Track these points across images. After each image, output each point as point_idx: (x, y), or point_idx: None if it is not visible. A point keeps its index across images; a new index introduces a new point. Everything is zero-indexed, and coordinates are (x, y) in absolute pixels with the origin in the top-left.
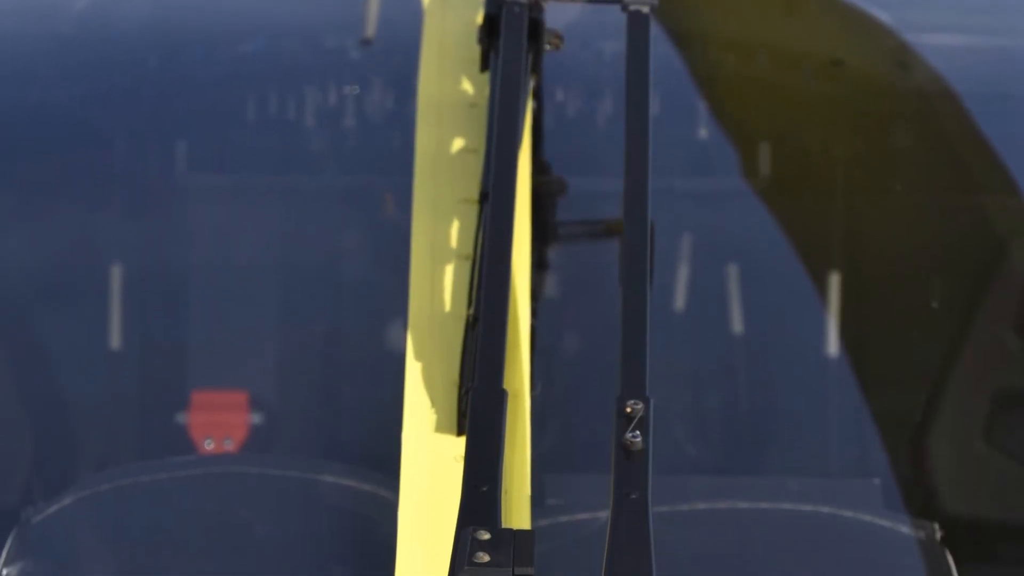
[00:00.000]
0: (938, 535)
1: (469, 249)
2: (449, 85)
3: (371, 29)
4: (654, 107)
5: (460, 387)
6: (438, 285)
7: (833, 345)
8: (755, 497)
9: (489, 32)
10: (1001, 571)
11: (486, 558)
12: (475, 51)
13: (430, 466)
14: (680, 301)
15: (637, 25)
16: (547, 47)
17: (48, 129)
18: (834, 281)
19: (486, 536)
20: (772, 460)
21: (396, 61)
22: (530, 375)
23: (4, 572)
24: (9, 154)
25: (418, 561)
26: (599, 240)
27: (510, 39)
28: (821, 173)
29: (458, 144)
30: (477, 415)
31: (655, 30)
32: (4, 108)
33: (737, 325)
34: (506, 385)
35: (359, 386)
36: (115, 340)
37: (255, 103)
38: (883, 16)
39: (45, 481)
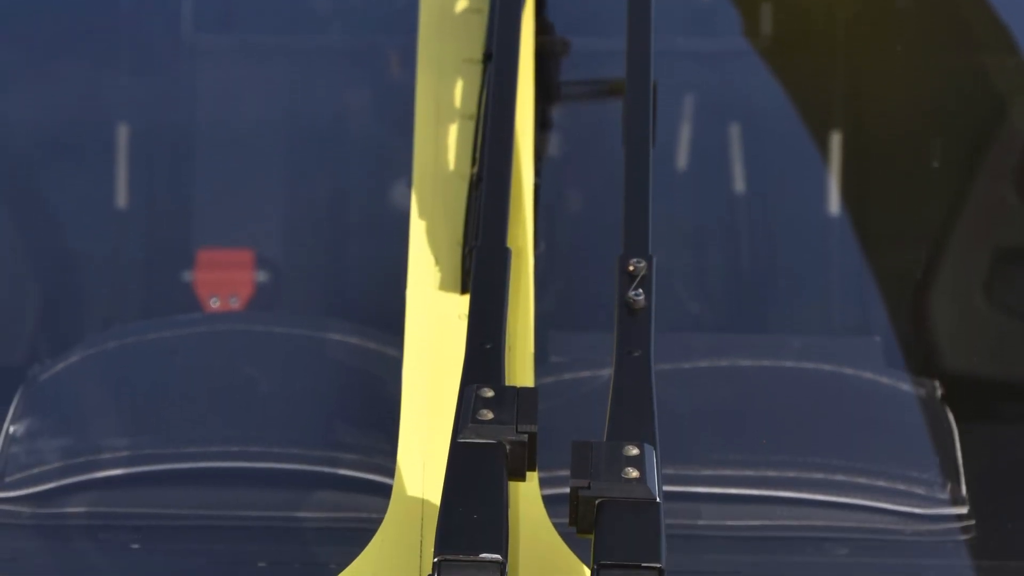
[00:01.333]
0: (938, 392)
1: (473, 109)
2: None
3: None
4: None
5: (464, 246)
6: (442, 144)
7: (834, 204)
8: (757, 355)
9: None
10: (1001, 427)
11: (490, 415)
12: None
13: (434, 324)
14: (682, 160)
15: None
16: None
17: None
18: (836, 140)
19: (490, 394)
20: (774, 318)
21: None
22: (533, 233)
23: (11, 429)
24: (15, 13)
25: (422, 418)
26: (602, 99)
27: None
28: (823, 33)
29: (462, 4)
30: (481, 273)
31: None
32: None
33: (739, 184)
34: (509, 243)
35: (364, 245)
36: (122, 198)
37: None
38: None
39: (52, 339)
